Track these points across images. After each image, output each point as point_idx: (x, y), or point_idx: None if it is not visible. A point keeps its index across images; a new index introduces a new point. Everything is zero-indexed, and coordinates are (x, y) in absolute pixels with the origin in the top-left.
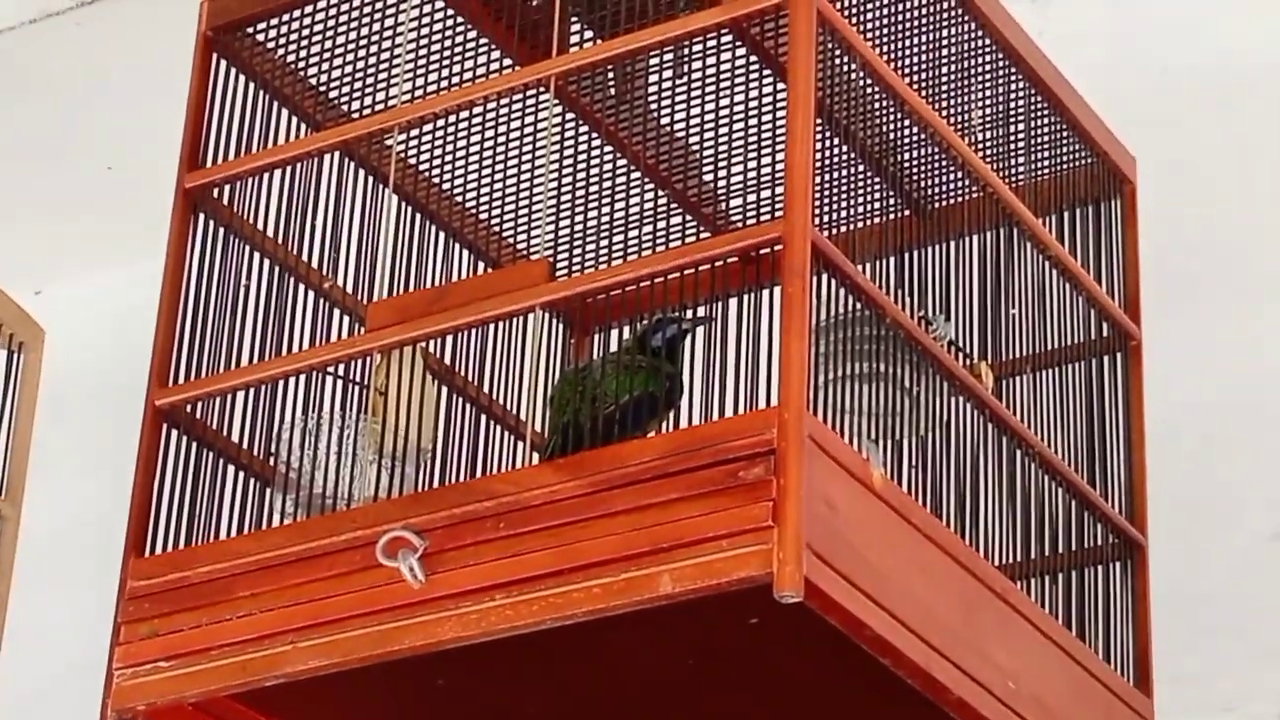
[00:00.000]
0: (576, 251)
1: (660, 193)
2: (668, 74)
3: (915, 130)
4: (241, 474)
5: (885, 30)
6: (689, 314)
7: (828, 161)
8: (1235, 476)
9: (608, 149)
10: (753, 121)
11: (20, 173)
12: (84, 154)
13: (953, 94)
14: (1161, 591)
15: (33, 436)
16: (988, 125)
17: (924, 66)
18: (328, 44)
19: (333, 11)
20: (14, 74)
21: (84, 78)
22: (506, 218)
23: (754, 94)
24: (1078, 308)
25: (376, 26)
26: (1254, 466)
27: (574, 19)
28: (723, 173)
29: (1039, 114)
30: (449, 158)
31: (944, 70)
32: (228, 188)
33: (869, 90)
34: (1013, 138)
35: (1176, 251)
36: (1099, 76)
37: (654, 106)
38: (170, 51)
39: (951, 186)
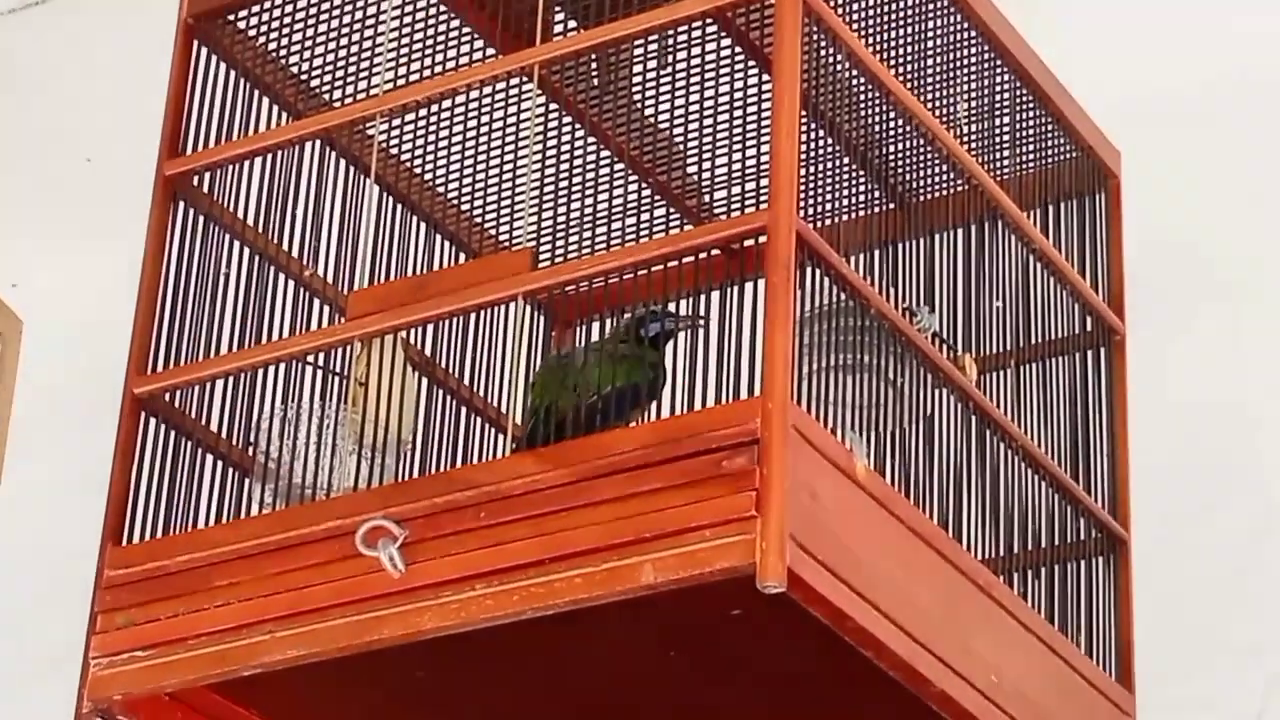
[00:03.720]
0: (558, 242)
1: (643, 184)
2: (651, 64)
3: (901, 122)
4: (220, 463)
5: (871, 21)
6: (681, 311)
7: (812, 153)
8: (1217, 474)
9: (590, 139)
10: (737, 113)
11: None
12: (62, 146)
13: (938, 87)
14: (1143, 587)
15: (10, 428)
16: (973, 118)
17: (910, 59)
18: (309, 32)
19: None
20: None
21: (62, 68)
22: (488, 208)
23: (738, 85)
24: (1062, 302)
25: (358, 15)
26: (1236, 464)
27: (557, 8)
28: (706, 164)
29: (1024, 107)
30: (430, 147)
31: (930, 63)
32: (208, 176)
33: (855, 82)
34: (998, 131)
35: (1161, 247)
36: (1084, 71)
37: (637, 97)
38: (150, 41)
39: (936, 179)
